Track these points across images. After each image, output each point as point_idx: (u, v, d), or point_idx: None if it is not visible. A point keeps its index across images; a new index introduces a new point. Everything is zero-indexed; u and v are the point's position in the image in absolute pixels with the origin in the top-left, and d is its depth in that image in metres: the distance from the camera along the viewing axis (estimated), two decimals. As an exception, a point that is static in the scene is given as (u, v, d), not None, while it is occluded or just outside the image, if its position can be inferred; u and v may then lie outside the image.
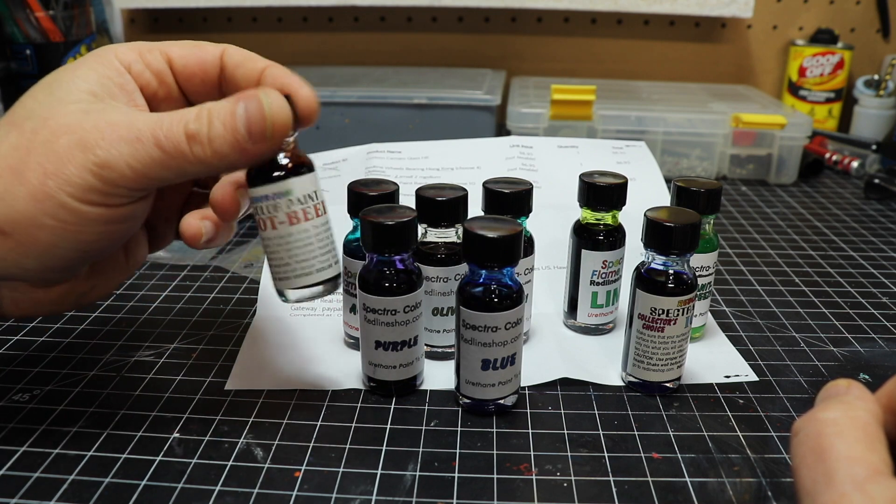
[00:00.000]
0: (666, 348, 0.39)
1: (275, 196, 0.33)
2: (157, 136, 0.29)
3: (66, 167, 0.29)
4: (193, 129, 0.30)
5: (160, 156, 0.30)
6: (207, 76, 0.35)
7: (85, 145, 0.29)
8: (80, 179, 0.29)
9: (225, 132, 0.30)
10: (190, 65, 0.35)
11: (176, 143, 0.30)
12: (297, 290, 0.35)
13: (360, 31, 1.06)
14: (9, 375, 0.41)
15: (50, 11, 0.78)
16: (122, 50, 0.34)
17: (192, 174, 0.31)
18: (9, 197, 0.29)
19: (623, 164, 0.58)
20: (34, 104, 0.31)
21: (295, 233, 0.34)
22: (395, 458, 0.35)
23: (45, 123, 0.30)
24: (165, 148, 0.30)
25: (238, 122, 0.30)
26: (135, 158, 0.29)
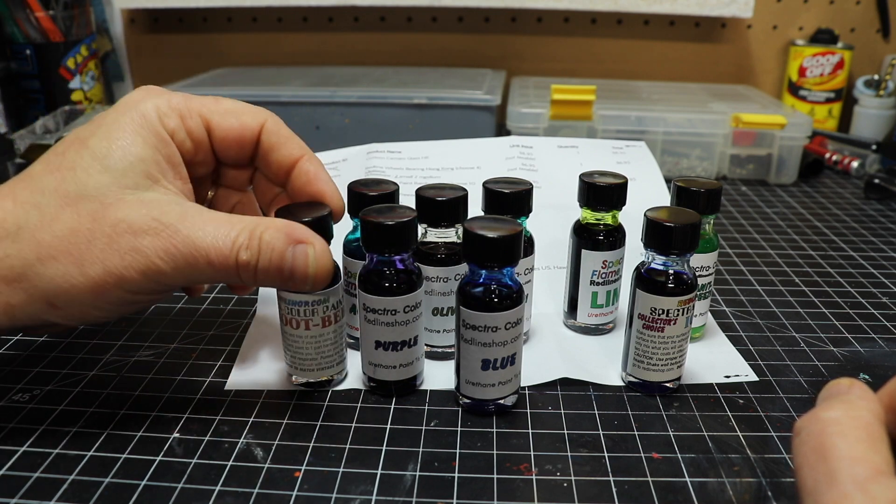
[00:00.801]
0: (666, 348, 0.39)
1: (314, 303, 0.38)
2: (210, 256, 0.32)
3: (126, 270, 0.31)
4: (245, 260, 0.32)
5: (209, 270, 0.32)
6: (243, 150, 0.37)
7: (143, 253, 0.31)
8: (136, 285, 0.32)
9: (271, 268, 0.32)
10: (228, 138, 0.36)
11: (226, 265, 0.32)
12: (317, 380, 0.40)
13: (360, 31, 1.06)
14: (9, 375, 0.41)
15: (50, 11, 0.78)
16: (164, 110, 0.34)
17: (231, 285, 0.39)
18: (66, 283, 0.31)
19: (623, 164, 0.58)
20: (87, 179, 0.32)
21: (326, 333, 0.39)
22: (395, 458, 0.35)
23: (105, 213, 0.31)
24: (216, 267, 0.32)
25: (285, 265, 0.33)
26: (185, 271, 0.32)
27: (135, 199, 0.32)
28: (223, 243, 0.32)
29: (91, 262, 0.31)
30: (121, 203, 0.31)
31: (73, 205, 0.31)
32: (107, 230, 0.31)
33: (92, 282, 0.31)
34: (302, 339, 0.39)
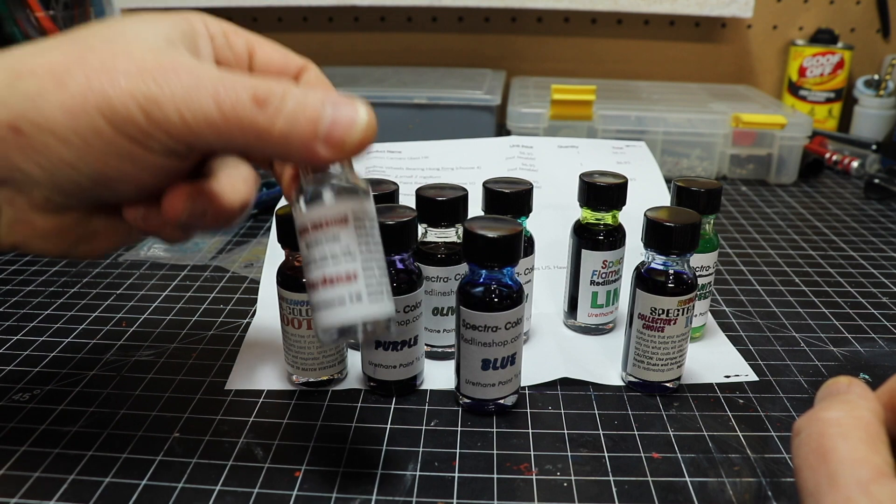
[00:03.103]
0: (666, 348, 0.39)
1: None
2: (217, 89, 0.26)
3: (114, 90, 0.26)
4: (263, 95, 0.26)
5: (214, 111, 0.26)
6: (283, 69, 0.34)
7: (141, 73, 0.26)
8: (123, 108, 0.26)
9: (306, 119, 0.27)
10: (271, 68, 0.33)
11: (236, 101, 0.26)
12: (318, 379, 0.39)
13: (360, 31, 1.06)
14: (9, 375, 0.41)
15: (50, 11, 0.78)
16: (210, 20, 0.32)
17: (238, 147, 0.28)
18: (40, 99, 0.26)
19: (623, 164, 0.58)
20: (102, 28, 0.28)
21: None
22: (395, 458, 0.35)
23: (108, 46, 0.27)
24: (222, 103, 0.26)
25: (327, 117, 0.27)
26: (187, 106, 0.26)
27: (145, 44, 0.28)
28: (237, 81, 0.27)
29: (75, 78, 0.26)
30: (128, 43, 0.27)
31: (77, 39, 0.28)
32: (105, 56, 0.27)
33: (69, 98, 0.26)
34: (303, 338, 0.39)
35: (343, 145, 0.27)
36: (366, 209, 0.29)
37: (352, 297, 0.28)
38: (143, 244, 0.61)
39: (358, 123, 0.28)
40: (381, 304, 0.28)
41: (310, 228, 0.29)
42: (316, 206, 0.29)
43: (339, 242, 0.28)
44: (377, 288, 0.28)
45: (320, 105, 0.27)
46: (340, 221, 0.28)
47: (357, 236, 0.28)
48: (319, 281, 0.28)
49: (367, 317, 0.28)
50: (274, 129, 0.27)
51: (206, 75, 0.27)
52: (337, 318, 0.28)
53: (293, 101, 0.27)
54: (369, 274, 0.28)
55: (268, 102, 0.26)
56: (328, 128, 0.27)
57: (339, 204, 0.28)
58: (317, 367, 0.40)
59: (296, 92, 0.27)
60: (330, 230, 0.28)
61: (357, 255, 0.28)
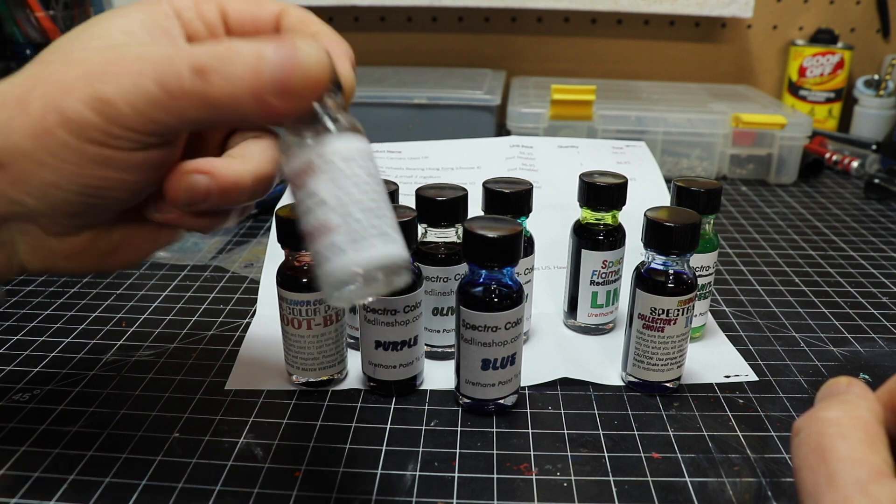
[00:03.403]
0: (666, 348, 0.39)
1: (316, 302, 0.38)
2: (158, 70, 0.25)
3: (65, 101, 0.26)
4: (201, 63, 0.25)
5: (160, 93, 0.25)
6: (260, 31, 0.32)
7: (88, 77, 0.26)
8: (77, 116, 0.26)
9: (245, 73, 0.25)
10: (245, 24, 0.31)
11: (178, 77, 0.25)
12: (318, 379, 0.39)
13: (360, 31, 1.06)
14: (9, 375, 0.41)
15: (50, 11, 0.78)
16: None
17: (197, 121, 0.27)
18: (8, 129, 0.26)
19: (623, 164, 0.58)
20: (65, 41, 0.28)
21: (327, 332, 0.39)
22: (395, 458, 0.35)
23: (64, 57, 0.27)
24: (166, 83, 0.25)
25: (266, 66, 0.25)
26: (135, 96, 0.25)
27: (102, 43, 0.28)
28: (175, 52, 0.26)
29: (35, 99, 0.26)
30: (84, 49, 0.27)
31: (41, 60, 0.28)
32: (59, 68, 0.27)
33: (32, 121, 0.26)
34: (304, 338, 0.39)
35: (294, 91, 0.26)
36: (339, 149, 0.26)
37: (330, 249, 0.25)
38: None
39: (303, 63, 0.26)
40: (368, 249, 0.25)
41: (288, 180, 0.27)
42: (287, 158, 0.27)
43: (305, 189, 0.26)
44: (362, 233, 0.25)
45: (258, 55, 0.26)
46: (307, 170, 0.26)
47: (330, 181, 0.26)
48: (306, 236, 0.26)
49: (353, 266, 0.25)
50: (220, 93, 0.25)
51: (149, 58, 0.26)
52: (328, 274, 0.25)
53: (231, 58, 0.25)
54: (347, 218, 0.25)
55: (207, 69, 0.25)
56: (273, 77, 0.25)
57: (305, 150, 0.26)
58: (317, 367, 0.40)
59: (234, 48, 0.26)
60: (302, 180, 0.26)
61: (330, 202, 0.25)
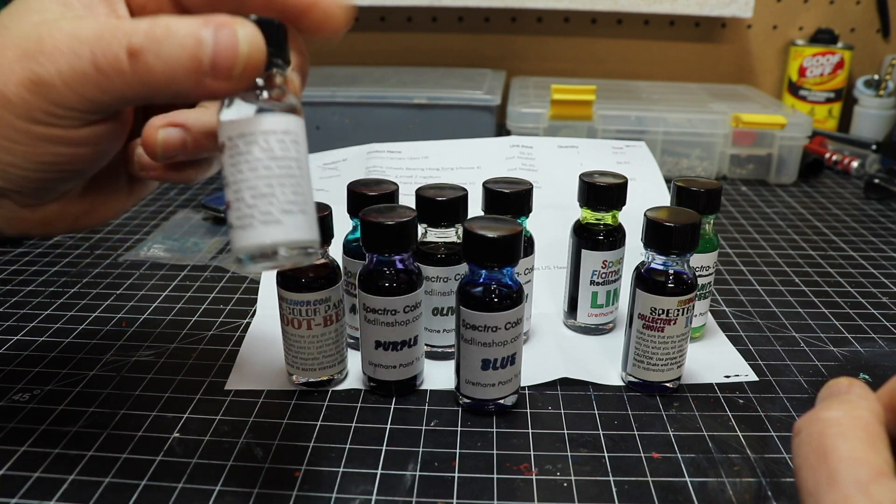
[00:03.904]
0: (666, 348, 0.39)
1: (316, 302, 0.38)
2: (93, 51, 0.25)
3: (6, 84, 0.26)
4: (138, 45, 0.25)
5: (95, 74, 0.25)
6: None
7: (25, 58, 0.25)
8: (18, 98, 0.26)
9: (182, 56, 0.25)
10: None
11: (113, 59, 0.25)
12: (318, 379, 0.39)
13: (360, 31, 1.06)
14: (9, 375, 0.41)
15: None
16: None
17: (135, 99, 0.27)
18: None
19: (623, 164, 0.58)
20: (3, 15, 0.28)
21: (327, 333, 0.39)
22: (395, 458, 0.35)
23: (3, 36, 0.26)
24: (101, 65, 0.25)
25: (203, 50, 0.25)
26: (71, 77, 0.25)
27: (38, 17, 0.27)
28: (110, 31, 0.25)
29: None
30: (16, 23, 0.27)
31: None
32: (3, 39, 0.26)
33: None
34: (304, 338, 0.39)
35: (232, 73, 0.25)
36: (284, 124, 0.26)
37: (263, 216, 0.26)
38: (144, 244, 0.61)
39: (240, 45, 0.25)
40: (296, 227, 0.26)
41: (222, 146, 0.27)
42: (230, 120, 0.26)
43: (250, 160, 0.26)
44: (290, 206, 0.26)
45: (195, 39, 0.25)
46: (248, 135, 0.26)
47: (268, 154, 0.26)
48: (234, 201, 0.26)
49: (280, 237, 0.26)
50: (157, 75, 0.25)
51: (84, 38, 0.25)
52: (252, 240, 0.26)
53: (168, 40, 0.25)
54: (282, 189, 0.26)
55: (143, 51, 0.25)
56: (211, 59, 0.25)
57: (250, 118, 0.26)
58: (317, 367, 0.40)
59: (171, 29, 0.25)
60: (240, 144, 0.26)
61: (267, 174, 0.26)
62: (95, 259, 0.58)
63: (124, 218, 0.68)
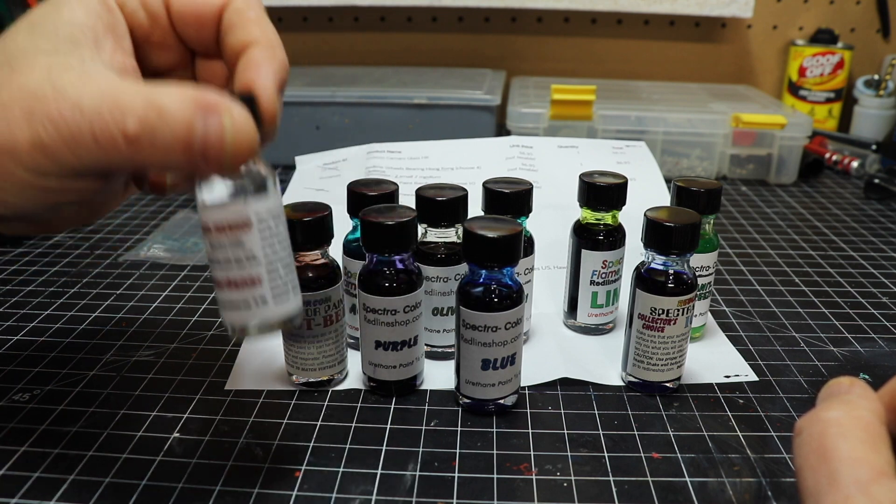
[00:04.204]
0: (666, 348, 0.39)
1: (316, 302, 0.38)
2: (93, 127, 0.26)
3: (16, 143, 0.27)
4: (133, 131, 0.26)
5: (94, 147, 0.27)
6: (204, 29, 0.32)
7: (31, 117, 0.27)
8: (28, 158, 0.27)
9: (175, 142, 0.26)
10: (186, 15, 0.32)
11: (111, 139, 0.26)
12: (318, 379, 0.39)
13: (360, 31, 1.06)
14: (9, 375, 0.41)
15: (50, 11, 0.78)
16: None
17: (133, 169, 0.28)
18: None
19: (623, 164, 0.58)
20: (12, 45, 0.28)
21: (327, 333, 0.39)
22: (395, 458, 0.35)
23: (11, 78, 0.28)
24: (100, 142, 0.26)
25: (195, 137, 0.26)
26: (74, 148, 0.27)
27: (44, 62, 0.28)
28: (109, 111, 0.26)
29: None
30: (27, 69, 0.28)
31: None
32: (4, 97, 0.27)
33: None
34: (303, 338, 0.39)
35: (222, 160, 0.27)
36: (270, 207, 0.28)
37: (256, 301, 0.28)
38: (144, 244, 0.61)
39: (228, 135, 0.27)
40: (286, 303, 0.28)
41: (212, 229, 0.28)
42: (217, 207, 0.27)
43: (242, 247, 0.27)
44: (282, 288, 0.28)
45: (187, 126, 0.26)
46: (244, 225, 0.27)
47: (261, 238, 0.28)
48: (224, 282, 0.28)
49: (272, 318, 0.28)
50: (152, 157, 0.27)
51: (86, 109, 0.26)
52: (243, 320, 0.28)
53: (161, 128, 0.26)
54: (274, 276, 0.28)
55: (138, 137, 0.26)
56: (202, 147, 0.26)
57: (243, 206, 0.27)
58: (317, 367, 0.40)
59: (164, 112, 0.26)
60: (233, 234, 0.27)
61: (261, 259, 0.28)
62: (95, 259, 0.58)
63: (124, 218, 0.68)
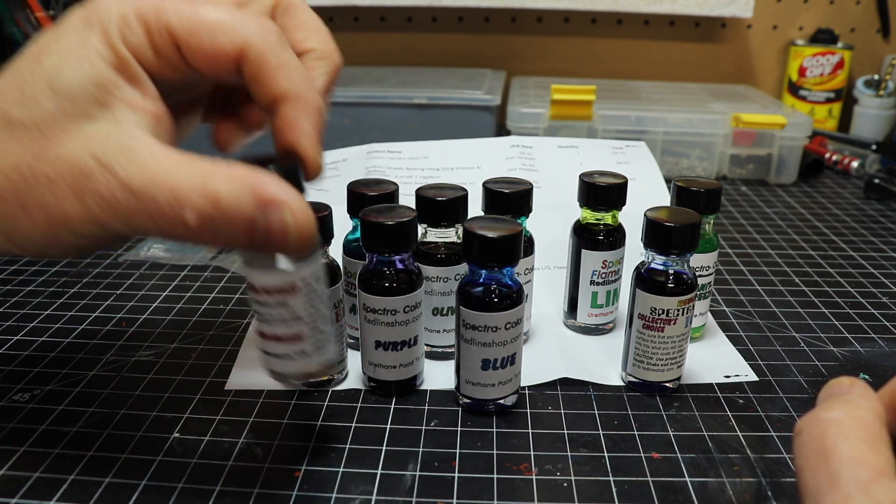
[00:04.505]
0: (666, 348, 0.39)
1: None
2: (150, 212, 0.27)
3: (69, 218, 0.28)
4: (194, 225, 0.27)
5: (152, 228, 0.27)
6: (222, 72, 0.30)
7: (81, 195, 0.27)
8: (80, 228, 0.28)
9: (236, 234, 0.27)
10: (199, 62, 0.30)
11: (170, 226, 0.27)
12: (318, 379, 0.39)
13: (360, 31, 1.06)
14: (9, 375, 0.41)
15: (50, 11, 0.78)
16: (128, 21, 0.29)
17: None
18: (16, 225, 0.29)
19: (623, 164, 0.58)
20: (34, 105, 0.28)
21: None
22: (395, 458, 0.35)
23: (46, 148, 0.28)
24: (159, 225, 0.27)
25: (256, 232, 0.27)
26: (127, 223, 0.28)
27: (79, 131, 0.28)
28: (164, 197, 0.26)
29: (34, 206, 0.28)
30: (63, 137, 0.28)
31: (18, 134, 0.28)
32: (47, 169, 0.28)
33: (39, 226, 0.28)
34: None
35: (285, 251, 0.28)
36: (315, 270, 0.29)
37: (299, 354, 0.30)
38: (144, 244, 0.61)
39: (291, 230, 0.27)
40: (325, 354, 0.31)
41: (259, 290, 0.29)
42: (265, 273, 0.29)
43: (287, 308, 0.29)
44: (322, 341, 0.30)
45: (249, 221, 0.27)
46: (290, 290, 0.29)
47: (306, 300, 0.29)
48: (269, 336, 0.30)
49: (312, 368, 0.30)
50: (212, 244, 0.28)
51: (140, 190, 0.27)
52: (284, 369, 0.30)
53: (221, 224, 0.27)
54: (315, 331, 0.30)
55: (200, 229, 0.27)
56: (264, 239, 0.27)
57: (291, 273, 0.29)
58: None
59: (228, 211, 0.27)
60: (280, 297, 0.29)
61: (305, 318, 0.30)
62: (95, 259, 0.58)
63: (124, 218, 0.68)
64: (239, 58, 0.29)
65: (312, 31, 0.33)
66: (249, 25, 0.29)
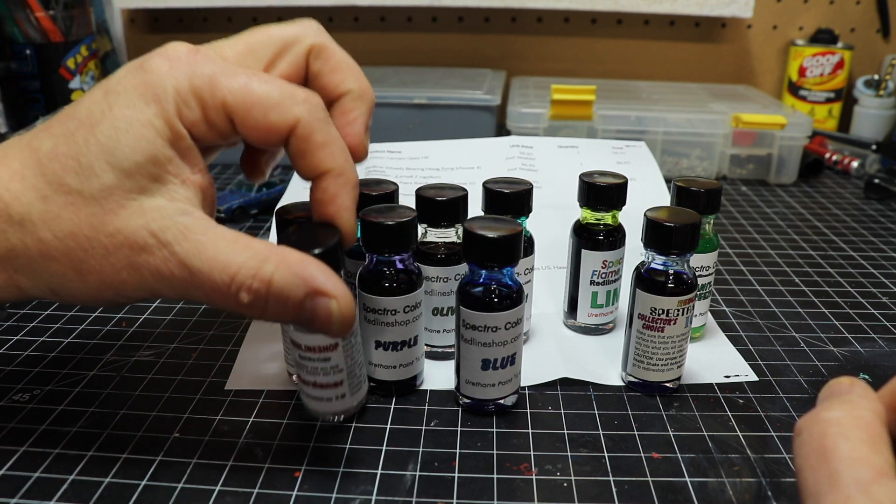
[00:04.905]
0: (666, 348, 0.39)
1: None
2: (206, 289, 0.29)
3: (122, 285, 0.30)
4: (247, 304, 0.29)
5: (205, 301, 0.30)
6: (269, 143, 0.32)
7: (137, 267, 0.29)
8: (134, 295, 0.31)
9: (284, 314, 0.30)
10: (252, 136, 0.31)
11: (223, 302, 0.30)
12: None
13: (360, 31, 1.06)
14: (9, 375, 0.41)
15: (50, 11, 0.78)
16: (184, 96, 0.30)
17: None
18: (66, 283, 0.30)
19: (623, 164, 0.58)
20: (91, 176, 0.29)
21: None
22: (395, 458, 0.35)
23: (104, 220, 0.29)
24: (213, 301, 0.30)
25: (303, 314, 0.29)
26: (181, 296, 0.30)
27: (136, 206, 0.29)
28: (220, 278, 0.29)
29: (88, 271, 0.30)
30: (121, 211, 0.29)
31: (75, 204, 0.29)
32: (104, 240, 0.29)
33: (89, 288, 0.30)
34: None
35: (328, 332, 0.30)
36: (353, 329, 0.32)
37: (337, 397, 0.33)
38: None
39: (335, 317, 0.30)
40: (359, 393, 0.34)
41: (302, 347, 0.32)
42: (308, 334, 0.31)
43: (328, 362, 0.32)
44: (357, 384, 0.34)
45: (297, 305, 0.29)
46: (331, 347, 0.32)
47: (345, 353, 0.32)
48: (310, 383, 0.33)
49: (348, 408, 0.34)
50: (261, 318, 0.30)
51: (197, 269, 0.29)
52: (323, 409, 0.34)
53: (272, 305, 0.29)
54: (352, 377, 0.33)
55: (252, 307, 0.29)
56: (309, 320, 0.30)
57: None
58: None
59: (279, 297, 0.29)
60: (321, 353, 0.32)
61: (344, 368, 0.33)
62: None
63: (124, 218, 0.68)
64: (289, 133, 0.31)
65: (348, 72, 0.36)
66: (300, 103, 0.31)
